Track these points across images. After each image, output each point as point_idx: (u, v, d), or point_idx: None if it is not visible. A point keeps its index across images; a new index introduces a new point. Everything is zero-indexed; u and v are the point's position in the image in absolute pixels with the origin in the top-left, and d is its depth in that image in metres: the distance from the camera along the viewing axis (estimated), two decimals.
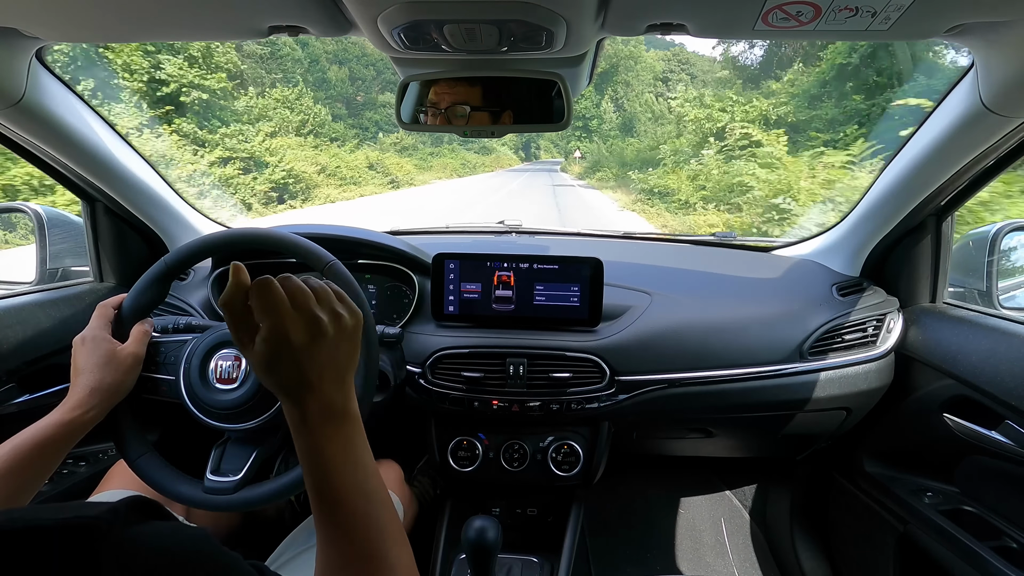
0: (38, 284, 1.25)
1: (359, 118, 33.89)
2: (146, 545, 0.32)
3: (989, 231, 1.22)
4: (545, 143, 61.07)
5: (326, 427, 0.51)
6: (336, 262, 0.83)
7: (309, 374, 0.51)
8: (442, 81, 0.86)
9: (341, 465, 0.51)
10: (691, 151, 13.17)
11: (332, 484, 0.51)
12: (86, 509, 0.33)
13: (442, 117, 0.88)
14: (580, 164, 32.69)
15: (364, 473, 0.53)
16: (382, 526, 0.52)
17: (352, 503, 0.51)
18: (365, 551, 0.50)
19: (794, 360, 1.14)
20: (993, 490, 1.06)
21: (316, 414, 0.51)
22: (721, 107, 13.51)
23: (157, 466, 0.82)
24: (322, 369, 0.51)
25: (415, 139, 30.60)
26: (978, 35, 0.75)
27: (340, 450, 0.52)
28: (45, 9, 0.72)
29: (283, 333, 0.49)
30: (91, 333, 0.77)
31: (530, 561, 1.23)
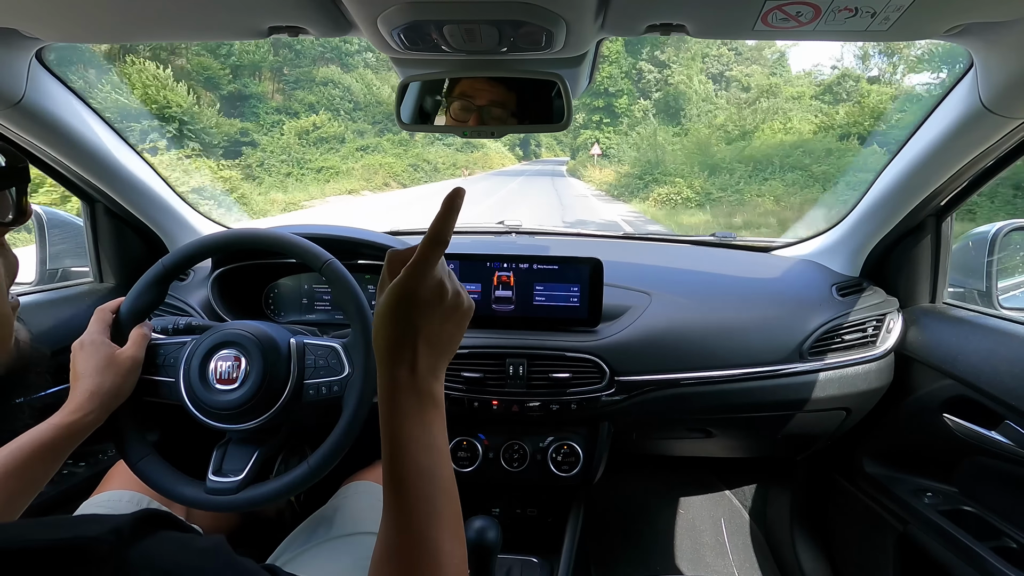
0: (38, 284, 1.24)
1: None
2: (150, 561, 0.31)
3: (989, 231, 1.22)
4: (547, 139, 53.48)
5: (412, 400, 0.52)
6: (333, 260, 0.83)
7: (416, 338, 0.52)
8: (479, 78, 0.86)
9: (415, 443, 0.51)
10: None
11: (404, 460, 0.51)
12: (85, 528, 0.31)
13: (476, 113, 0.88)
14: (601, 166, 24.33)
15: (437, 458, 0.53)
16: (442, 515, 0.52)
17: (418, 485, 0.51)
18: (421, 536, 0.50)
19: (794, 360, 1.14)
20: (993, 490, 1.06)
21: (407, 385, 0.52)
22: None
23: (159, 468, 0.82)
24: (427, 340, 0.52)
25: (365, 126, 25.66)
26: (977, 35, 0.75)
27: (419, 429, 0.52)
28: (45, 10, 0.72)
29: (418, 280, 0.51)
30: (89, 337, 0.77)
31: (530, 561, 1.23)
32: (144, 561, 0.31)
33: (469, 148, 31.43)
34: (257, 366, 0.81)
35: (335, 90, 28.49)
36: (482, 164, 34.15)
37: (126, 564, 0.30)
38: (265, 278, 1.29)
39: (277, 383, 0.82)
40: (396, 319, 0.52)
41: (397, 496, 0.50)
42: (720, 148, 17.36)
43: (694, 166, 15.75)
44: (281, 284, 1.29)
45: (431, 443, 0.53)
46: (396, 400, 0.52)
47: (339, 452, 0.80)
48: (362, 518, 0.96)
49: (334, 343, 0.86)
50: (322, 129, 23.59)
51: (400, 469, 0.51)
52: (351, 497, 1.02)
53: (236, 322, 0.87)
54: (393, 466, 0.51)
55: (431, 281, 0.52)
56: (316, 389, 0.84)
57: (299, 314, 1.29)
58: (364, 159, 22.78)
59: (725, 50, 33.69)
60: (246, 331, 0.83)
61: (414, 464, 0.51)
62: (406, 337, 0.52)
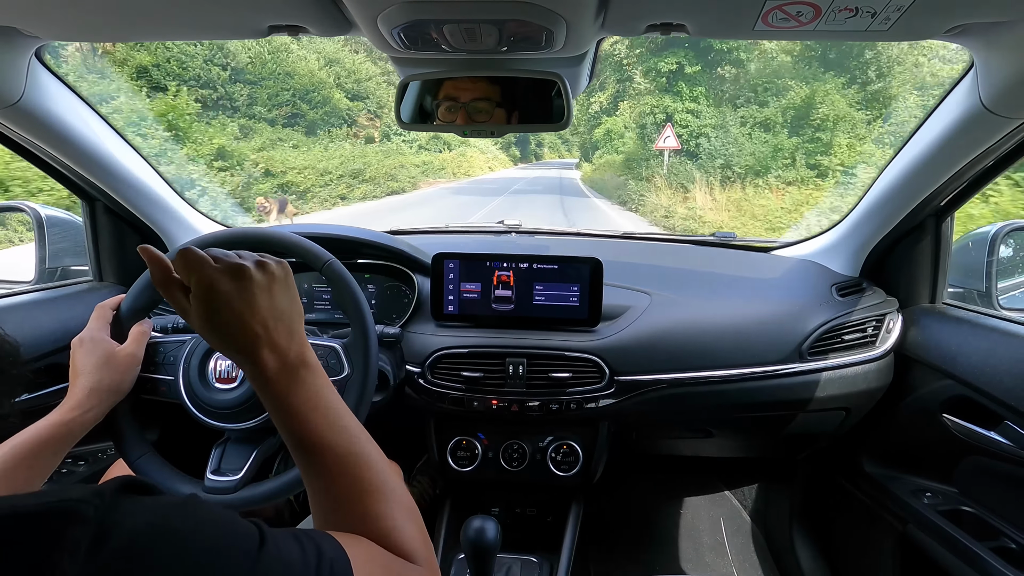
0: (37, 283, 1.24)
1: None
2: (130, 518, 0.32)
3: (989, 231, 1.22)
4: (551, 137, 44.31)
5: (286, 378, 0.53)
6: (334, 260, 0.83)
7: (252, 323, 0.52)
8: (463, 77, 0.86)
9: (311, 412, 0.52)
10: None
11: (306, 433, 0.52)
12: (70, 492, 0.32)
13: (461, 112, 0.88)
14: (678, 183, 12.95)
15: (336, 415, 0.54)
16: (368, 459, 0.53)
17: (332, 446, 0.52)
18: (355, 485, 0.51)
19: (793, 360, 1.14)
20: (992, 491, 1.06)
21: (273, 367, 0.52)
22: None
23: (157, 466, 0.82)
24: (264, 318, 0.52)
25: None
26: (978, 35, 0.75)
27: (307, 399, 0.53)
28: (45, 8, 0.72)
29: (208, 282, 0.51)
30: (89, 334, 0.78)
31: (529, 561, 1.23)
32: (126, 519, 0.32)
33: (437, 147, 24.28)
34: None
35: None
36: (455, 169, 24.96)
37: (109, 523, 0.31)
38: None
39: None
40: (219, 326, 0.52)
41: (319, 464, 0.52)
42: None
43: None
44: None
45: (327, 405, 0.54)
46: (271, 381, 0.52)
47: None
48: None
49: (334, 343, 0.86)
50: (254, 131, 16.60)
51: (309, 440, 0.52)
52: None
53: None
54: (301, 442, 0.52)
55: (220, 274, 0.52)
56: None
57: None
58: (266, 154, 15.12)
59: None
60: None
61: (320, 431, 0.52)
62: (239, 329, 0.52)
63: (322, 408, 0.53)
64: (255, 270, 0.53)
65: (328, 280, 0.83)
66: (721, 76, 17.88)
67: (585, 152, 32.54)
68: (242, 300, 0.52)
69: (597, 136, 25.02)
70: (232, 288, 0.52)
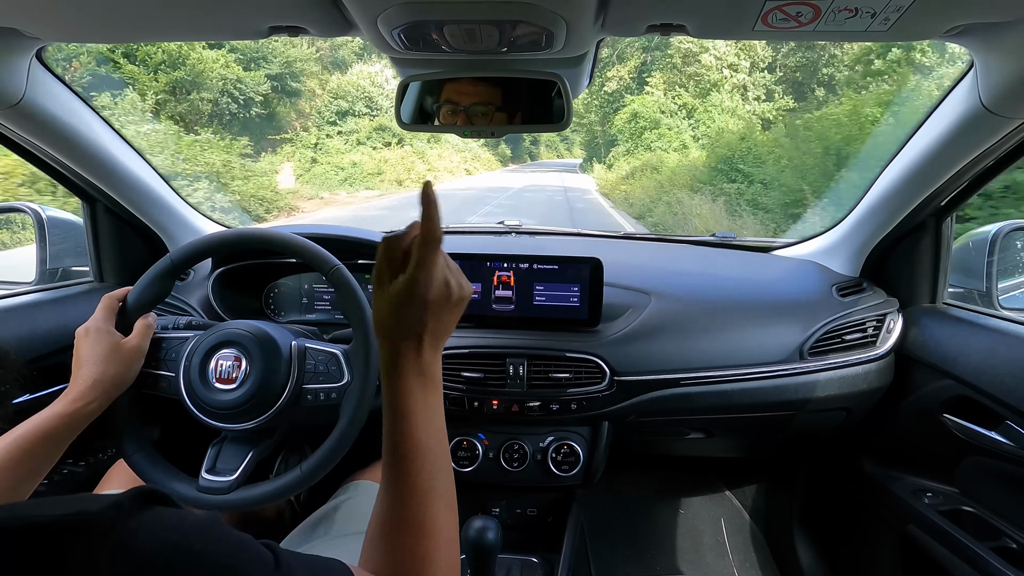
0: (38, 284, 1.25)
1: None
2: (148, 533, 0.32)
3: (989, 231, 1.22)
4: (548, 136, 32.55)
5: (415, 380, 0.54)
6: (340, 267, 0.83)
7: (421, 328, 0.54)
8: (463, 79, 0.87)
9: (416, 417, 0.54)
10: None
11: (405, 434, 0.53)
12: (88, 503, 0.32)
13: (462, 115, 0.88)
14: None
15: (436, 435, 0.55)
16: (439, 489, 0.54)
17: (418, 459, 0.53)
18: (419, 509, 0.52)
19: (794, 360, 1.14)
20: (993, 491, 1.06)
21: (411, 365, 0.54)
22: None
23: (153, 462, 0.82)
24: (434, 328, 0.55)
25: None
26: (978, 36, 0.75)
27: (420, 406, 0.54)
28: (45, 9, 0.72)
29: (426, 285, 0.54)
30: (95, 325, 0.78)
31: (530, 561, 1.23)
32: (144, 533, 0.32)
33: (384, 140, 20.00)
34: (257, 367, 0.81)
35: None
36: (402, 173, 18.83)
37: (127, 536, 0.31)
38: (265, 278, 1.29)
39: (276, 386, 0.82)
40: (406, 316, 0.54)
41: (397, 471, 0.52)
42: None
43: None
44: (281, 284, 1.29)
45: (431, 420, 0.55)
46: (401, 378, 0.54)
47: (333, 459, 0.80)
48: (362, 517, 0.96)
49: (335, 349, 0.85)
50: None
51: (402, 444, 0.53)
52: (351, 496, 1.02)
53: (239, 321, 0.87)
54: (395, 441, 0.53)
55: (437, 282, 0.55)
56: (314, 395, 0.84)
57: (299, 314, 1.29)
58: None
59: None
60: (248, 331, 0.83)
61: (415, 440, 0.53)
62: (413, 330, 0.54)
63: (425, 420, 0.54)
64: (455, 293, 0.57)
65: (334, 286, 0.83)
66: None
67: (594, 150, 24.99)
68: (433, 311, 0.55)
69: (618, 125, 19.23)
70: (435, 301, 0.55)
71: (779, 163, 10.25)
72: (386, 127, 21.77)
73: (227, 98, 17.34)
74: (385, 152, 20.75)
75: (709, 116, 18.47)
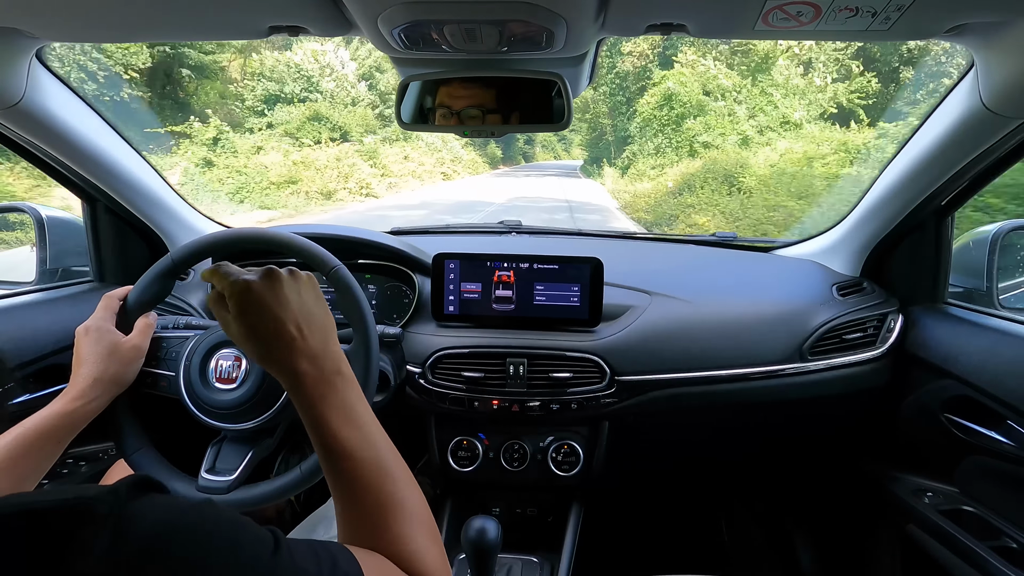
0: (38, 284, 1.24)
1: None
2: (146, 518, 0.32)
3: (990, 231, 1.22)
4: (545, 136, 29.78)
5: (322, 387, 0.54)
6: (340, 267, 0.83)
7: (287, 324, 0.54)
8: (455, 83, 0.86)
9: (343, 423, 0.53)
10: None
11: (337, 443, 0.53)
12: (86, 491, 0.33)
13: (455, 119, 0.88)
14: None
15: (366, 428, 0.55)
16: (392, 473, 0.54)
17: (361, 458, 0.53)
18: (380, 500, 0.52)
19: (794, 360, 1.14)
20: (993, 490, 1.06)
21: (308, 375, 0.54)
22: None
23: (152, 461, 0.82)
24: (297, 319, 0.55)
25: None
26: (978, 35, 0.75)
27: (339, 409, 0.54)
28: (45, 9, 0.72)
29: (243, 285, 0.55)
30: (95, 323, 0.77)
31: (530, 561, 1.23)
32: (140, 517, 0.32)
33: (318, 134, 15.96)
34: (257, 367, 0.81)
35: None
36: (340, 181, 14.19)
37: (125, 521, 0.31)
38: None
39: (276, 385, 0.82)
40: (252, 329, 0.56)
41: (344, 474, 0.52)
42: None
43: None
44: None
45: (356, 417, 0.55)
46: (306, 390, 0.54)
47: None
48: None
49: None
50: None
51: (338, 451, 0.53)
52: None
53: None
54: (330, 452, 0.53)
55: (251, 278, 0.57)
56: None
57: None
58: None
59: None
60: None
61: (349, 442, 0.53)
62: (276, 333, 0.55)
63: (353, 419, 0.54)
64: (283, 272, 0.57)
65: (334, 285, 0.83)
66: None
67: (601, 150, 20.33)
68: (273, 296, 0.55)
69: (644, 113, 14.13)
70: (263, 286, 0.55)
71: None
72: (324, 117, 17.07)
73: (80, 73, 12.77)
74: (314, 151, 14.88)
75: (768, 100, 13.85)
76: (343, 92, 20.10)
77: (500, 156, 30.17)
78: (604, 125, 19.53)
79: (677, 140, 13.52)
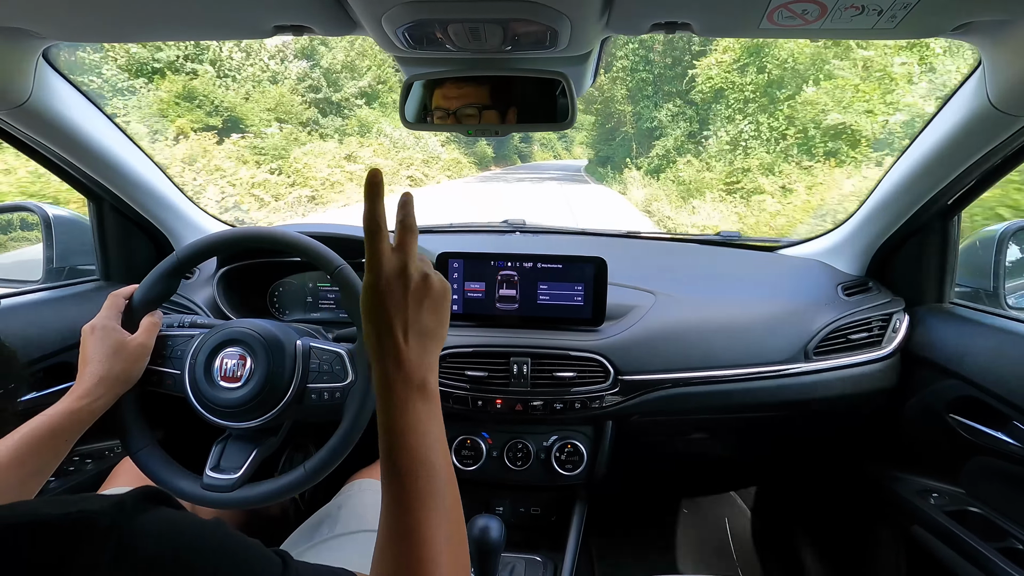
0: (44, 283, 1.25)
1: None
2: (151, 534, 0.32)
3: (997, 230, 1.21)
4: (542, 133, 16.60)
5: (404, 392, 0.53)
6: (344, 266, 0.83)
7: (393, 329, 0.53)
8: (448, 83, 0.86)
9: (411, 433, 0.52)
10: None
11: (400, 451, 0.52)
12: (90, 503, 0.32)
13: (452, 118, 0.88)
14: None
15: (433, 447, 0.53)
16: (439, 503, 0.52)
17: (415, 474, 0.51)
18: (420, 525, 0.50)
19: (799, 360, 1.14)
20: (999, 491, 1.06)
21: (396, 378, 0.53)
22: None
23: (157, 459, 0.83)
24: (406, 330, 0.53)
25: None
26: (985, 33, 0.74)
27: (412, 419, 0.52)
28: (51, 9, 0.72)
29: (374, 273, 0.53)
30: (101, 322, 0.78)
31: (533, 560, 1.23)
32: (146, 533, 0.32)
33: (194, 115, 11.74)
34: (262, 366, 0.81)
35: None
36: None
37: (129, 535, 0.31)
38: (270, 276, 1.29)
39: (280, 385, 0.82)
40: (368, 315, 0.53)
41: (394, 487, 0.51)
42: None
43: None
44: (286, 283, 1.29)
45: (426, 433, 0.53)
46: (389, 393, 0.52)
47: (336, 459, 0.80)
48: (365, 516, 0.96)
49: (339, 349, 0.86)
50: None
51: (397, 460, 0.51)
52: (354, 495, 1.02)
53: (244, 320, 0.88)
54: (390, 457, 0.52)
55: (388, 270, 0.53)
56: (318, 394, 0.84)
57: (303, 312, 1.29)
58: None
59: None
60: (253, 330, 0.84)
61: (410, 454, 0.52)
62: (383, 330, 0.53)
63: (420, 433, 0.53)
64: (416, 275, 0.54)
65: (338, 285, 0.84)
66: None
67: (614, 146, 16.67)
68: (397, 307, 0.53)
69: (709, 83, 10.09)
70: (394, 291, 0.53)
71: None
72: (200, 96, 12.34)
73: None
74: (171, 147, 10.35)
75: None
76: (253, 67, 15.13)
77: (491, 156, 25.57)
78: (621, 113, 14.96)
79: (779, 124, 8.29)
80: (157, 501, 0.36)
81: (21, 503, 0.33)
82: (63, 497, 0.34)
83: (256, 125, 13.26)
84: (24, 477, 0.66)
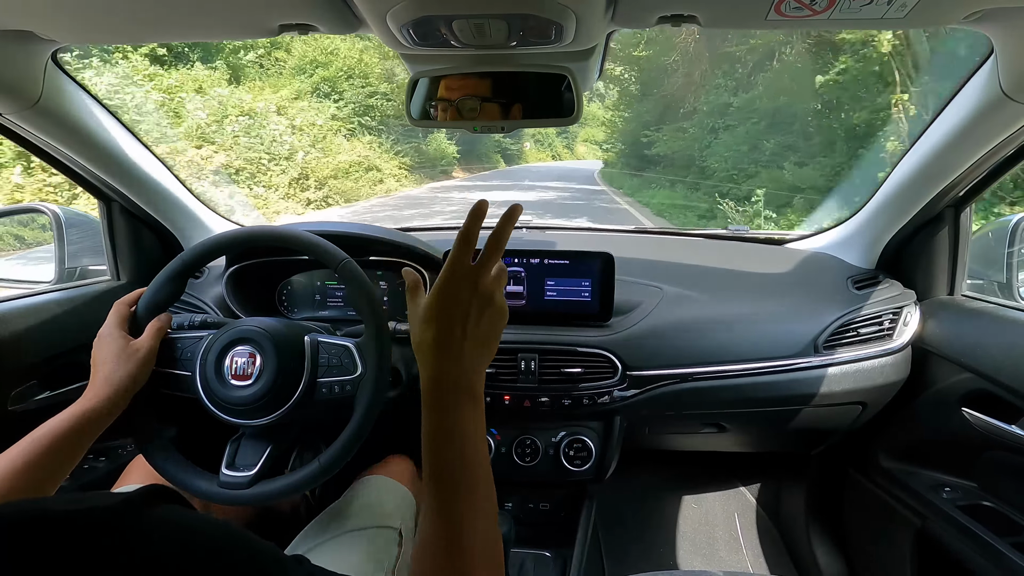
0: (57, 283, 1.27)
1: None
2: (160, 531, 0.32)
3: (1010, 221, 1.20)
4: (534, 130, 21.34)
5: (456, 396, 0.54)
6: (349, 260, 0.84)
7: (463, 335, 0.55)
8: (452, 76, 0.86)
9: (460, 435, 0.53)
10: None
11: (448, 452, 0.53)
12: (100, 499, 0.33)
13: (453, 111, 0.88)
14: None
15: (478, 449, 0.55)
16: (482, 503, 0.53)
17: (460, 475, 0.52)
18: (464, 524, 0.51)
19: (808, 354, 1.13)
20: (1013, 485, 1.05)
21: (454, 380, 0.54)
22: None
23: (173, 460, 0.84)
24: (466, 326, 0.55)
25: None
26: (997, 21, 0.73)
27: (462, 422, 0.54)
28: (60, 11, 0.73)
29: (451, 280, 0.56)
30: (107, 331, 0.81)
31: (543, 556, 1.23)
32: (155, 529, 0.32)
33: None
34: (272, 363, 0.82)
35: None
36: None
37: (138, 531, 0.31)
38: (278, 275, 1.30)
39: (291, 380, 0.83)
40: (433, 312, 0.55)
41: (440, 487, 0.52)
42: None
43: None
44: (294, 281, 1.30)
45: (473, 435, 0.54)
46: (442, 394, 0.54)
47: (349, 451, 0.81)
48: (376, 512, 0.97)
49: (348, 342, 0.86)
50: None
51: (444, 461, 0.52)
52: (365, 491, 1.03)
53: (252, 319, 0.89)
54: (436, 458, 0.52)
55: (462, 275, 0.55)
56: (329, 388, 0.84)
57: (312, 310, 1.30)
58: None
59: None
60: (261, 328, 0.84)
61: (458, 455, 0.53)
62: (452, 334, 0.54)
63: (467, 438, 0.54)
64: (486, 289, 0.57)
65: (343, 280, 0.84)
66: None
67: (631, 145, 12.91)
68: (466, 315, 0.55)
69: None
70: (466, 285, 0.56)
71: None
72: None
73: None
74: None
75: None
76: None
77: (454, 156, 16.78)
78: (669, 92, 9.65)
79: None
80: (165, 498, 0.36)
81: (29, 500, 0.33)
82: (72, 495, 0.34)
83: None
84: (38, 480, 0.67)
